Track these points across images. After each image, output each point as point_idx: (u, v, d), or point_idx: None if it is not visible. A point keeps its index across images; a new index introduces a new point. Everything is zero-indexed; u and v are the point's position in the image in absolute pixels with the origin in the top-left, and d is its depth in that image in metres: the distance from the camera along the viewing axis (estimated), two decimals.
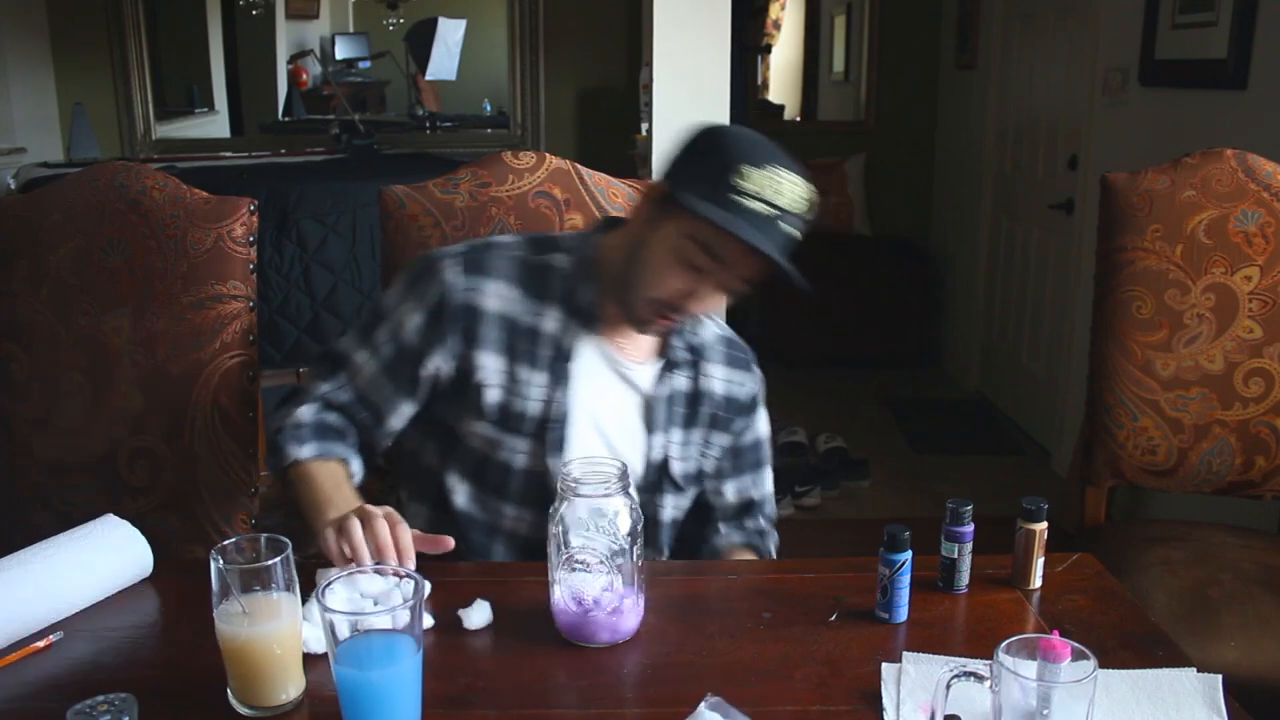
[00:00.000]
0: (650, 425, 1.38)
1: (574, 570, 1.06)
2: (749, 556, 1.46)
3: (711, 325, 1.44)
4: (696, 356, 1.40)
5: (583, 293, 1.33)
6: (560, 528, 1.06)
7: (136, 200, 1.50)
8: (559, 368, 1.32)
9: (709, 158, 1.23)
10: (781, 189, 1.21)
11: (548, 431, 1.32)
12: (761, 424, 1.49)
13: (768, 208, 1.20)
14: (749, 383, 1.45)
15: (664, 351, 1.39)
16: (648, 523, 1.39)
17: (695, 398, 1.40)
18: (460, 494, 1.36)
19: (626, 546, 1.06)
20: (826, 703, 0.98)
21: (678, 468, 1.40)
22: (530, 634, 1.09)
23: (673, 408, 1.39)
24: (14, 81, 3.98)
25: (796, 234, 1.24)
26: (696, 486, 1.45)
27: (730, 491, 1.47)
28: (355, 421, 1.35)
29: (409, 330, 1.32)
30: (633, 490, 1.08)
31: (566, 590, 1.07)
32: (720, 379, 1.42)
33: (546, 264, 1.35)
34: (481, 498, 1.35)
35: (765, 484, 1.51)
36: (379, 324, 1.35)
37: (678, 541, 1.47)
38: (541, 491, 1.32)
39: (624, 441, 1.37)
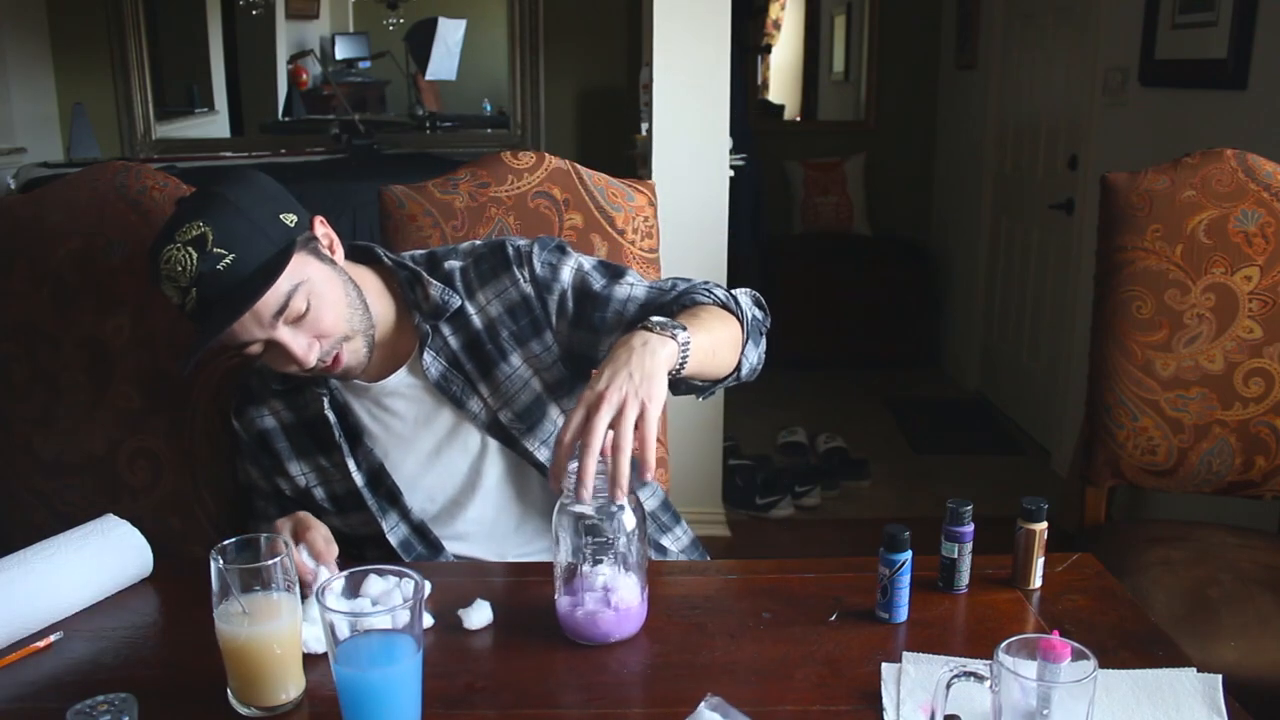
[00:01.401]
0: (456, 399, 1.31)
1: (578, 568, 1.06)
2: (706, 312, 1.25)
3: (453, 262, 1.34)
4: (442, 311, 1.30)
5: (272, 378, 1.35)
6: (564, 527, 1.06)
7: (136, 200, 1.50)
8: (338, 438, 1.33)
9: None
10: (177, 266, 1.14)
11: (376, 490, 1.33)
12: (565, 278, 1.32)
13: (191, 287, 1.14)
14: (516, 276, 1.32)
15: (409, 338, 1.33)
16: (540, 472, 1.34)
17: (477, 340, 1.31)
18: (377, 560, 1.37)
19: (629, 545, 1.06)
20: (826, 703, 0.98)
21: (505, 415, 1.32)
22: (530, 634, 1.09)
23: (463, 369, 1.32)
24: (14, 81, 3.98)
25: (224, 262, 1.14)
26: (566, 394, 1.34)
27: (606, 347, 1.29)
28: None
29: (257, 481, 1.39)
30: (637, 490, 1.08)
31: (570, 588, 1.07)
32: (492, 300, 1.32)
33: None
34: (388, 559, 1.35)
35: (632, 298, 1.31)
36: (250, 496, 1.41)
37: None
38: (421, 535, 1.35)
39: (450, 437, 1.34)
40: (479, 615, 1.12)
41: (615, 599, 1.06)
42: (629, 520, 1.05)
